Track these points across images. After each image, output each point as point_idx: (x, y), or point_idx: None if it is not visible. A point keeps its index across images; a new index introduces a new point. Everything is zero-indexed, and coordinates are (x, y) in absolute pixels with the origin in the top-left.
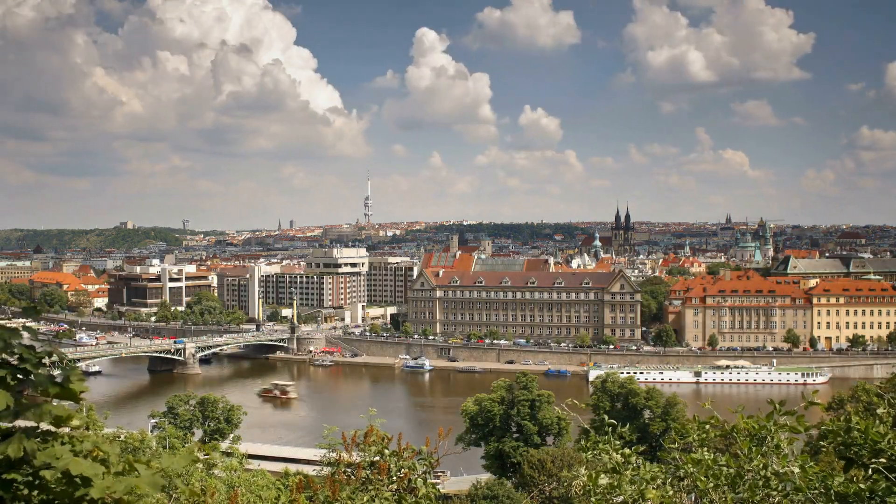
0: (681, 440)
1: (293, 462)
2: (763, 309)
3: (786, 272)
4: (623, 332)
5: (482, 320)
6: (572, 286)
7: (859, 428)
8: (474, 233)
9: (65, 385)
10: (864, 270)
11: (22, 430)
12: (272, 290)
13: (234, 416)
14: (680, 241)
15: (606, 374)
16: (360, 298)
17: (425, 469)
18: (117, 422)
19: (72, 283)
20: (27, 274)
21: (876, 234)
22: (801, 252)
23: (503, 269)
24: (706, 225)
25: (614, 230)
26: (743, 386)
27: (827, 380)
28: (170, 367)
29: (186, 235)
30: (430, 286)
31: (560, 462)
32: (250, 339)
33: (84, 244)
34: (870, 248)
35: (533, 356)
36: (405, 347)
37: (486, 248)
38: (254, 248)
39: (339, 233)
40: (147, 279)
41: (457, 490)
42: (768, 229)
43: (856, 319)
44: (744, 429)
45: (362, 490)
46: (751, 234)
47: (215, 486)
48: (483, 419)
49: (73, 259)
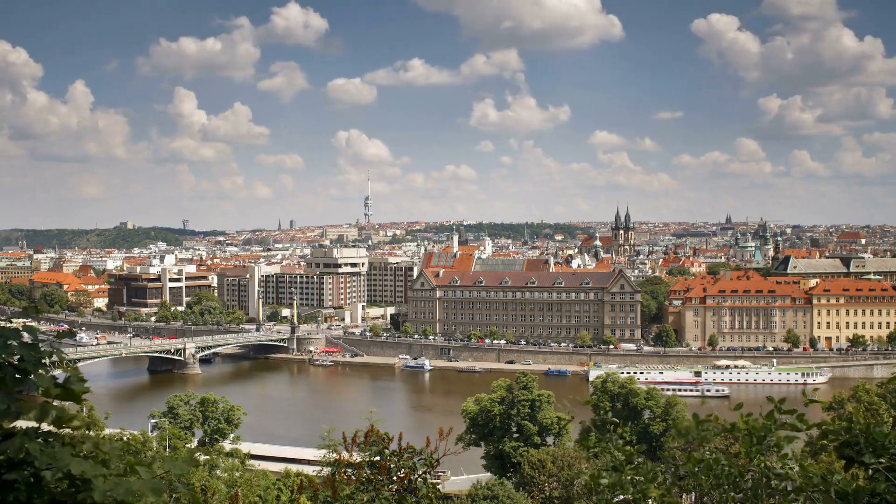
0: (681, 439)
1: (294, 462)
2: (763, 309)
3: (786, 272)
4: (623, 332)
5: (482, 320)
6: (572, 286)
7: (860, 427)
8: (474, 233)
9: (66, 386)
10: (864, 270)
11: (23, 431)
12: (272, 290)
13: (235, 417)
14: (680, 241)
15: (606, 375)
16: (360, 298)
17: (425, 469)
18: (118, 422)
19: (72, 283)
20: (27, 274)
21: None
22: (801, 252)
23: (503, 269)
24: (706, 225)
25: (614, 230)
26: (743, 386)
27: (827, 380)
28: (170, 367)
29: (186, 235)
30: (430, 286)
31: (560, 462)
32: (250, 339)
33: (84, 244)
34: (870, 248)
35: (533, 356)
36: (405, 347)
37: (486, 248)
38: (254, 248)
39: (339, 233)
40: (147, 279)
41: (457, 490)
42: (768, 229)
43: (856, 319)
44: (743, 427)
45: (363, 490)
46: (751, 234)
47: (216, 486)
48: (483, 419)
49: (74, 259)
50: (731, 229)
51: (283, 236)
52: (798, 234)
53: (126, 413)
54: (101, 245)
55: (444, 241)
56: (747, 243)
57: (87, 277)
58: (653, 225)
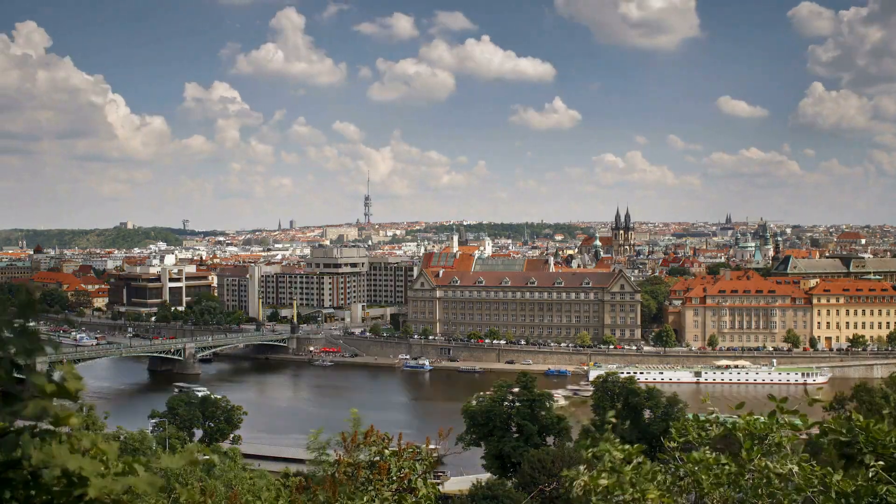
0: (681, 439)
1: (293, 462)
2: (763, 309)
3: (786, 272)
4: (623, 332)
5: (482, 320)
6: (572, 286)
7: (860, 426)
8: (474, 233)
9: (62, 384)
10: (864, 270)
11: (20, 429)
12: (272, 290)
13: (235, 417)
14: (680, 241)
15: (606, 374)
16: (360, 298)
17: (425, 469)
18: (117, 422)
19: (72, 283)
20: (27, 274)
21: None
22: (801, 252)
23: (503, 269)
24: (706, 225)
25: (614, 230)
26: (743, 386)
27: (827, 380)
28: (170, 367)
29: (186, 235)
30: (430, 286)
31: (560, 462)
32: (250, 339)
33: (84, 244)
34: (870, 248)
35: (533, 356)
36: (405, 347)
37: (486, 248)
38: (254, 248)
39: (339, 233)
40: (147, 279)
41: (457, 490)
42: (768, 229)
43: (856, 319)
44: (744, 427)
45: (362, 490)
46: (751, 234)
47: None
48: (483, 419)
49: (74, 259)
50: (731, 229)
51: (283, 236)
52: (798, 234)
53: (126, 413)
54: (101, 245)
55: (444, 241)
56: (747, 243)
57: (87, 277)
58: (653, 225)
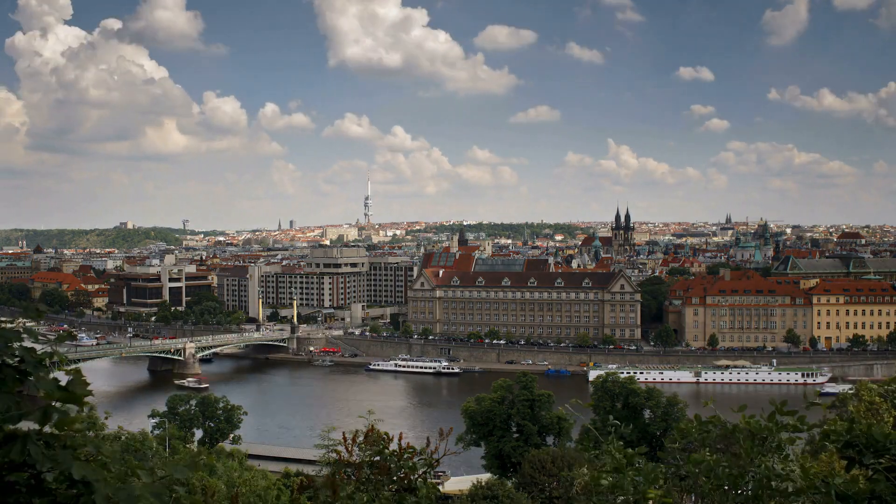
0: (682, 440)
1: (294, 462)
2: (763, 309)
3: (786, 272)
4: (623, 332)
5: (482, 320)
6: (572, 286)
7: (861, 427)
8: (474, 233)
9: (69, 389)
10: (864, 270)
11: (25, 433)
12: (272, 290)
13: (235, 416)
14: (680, 241)
15: (606, 374)
16: (360, 298)
17: (425, 469)
18: (118, 421)
19: (72, 283)
20: (27, 274)
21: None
22: (801, 252)
23: (503, 269)
24: (706, 225)
25: (614, 230)
26: (743, 386)
27: (827, 380)
28: (170, 366)
29: (186, 235)
30: (430, 286)
31: (561, 462)
32: (250, 339)
33: (84, 244)
34: (870, 248)
35: (533, 356)
36: (405, 347)
37: (486, 248)
38: (254, 248)
39: (339, 233)
40: (147, 279)
41: (457, 490)
42: (768, 229)
43: (856, 319)
44: (745, 429)
45: (363, 490)
46: (751, 234)
47: (216, 486)
48: (483, 419)
49: (74, 259)
50: (731, 229)
51: (283, 236)
52: (798, 234)
53: (126, 413)
54: (101, 245)
55: (444, 241)
56: (747, 243)
57: (87, 277)
58: (653, 225)
